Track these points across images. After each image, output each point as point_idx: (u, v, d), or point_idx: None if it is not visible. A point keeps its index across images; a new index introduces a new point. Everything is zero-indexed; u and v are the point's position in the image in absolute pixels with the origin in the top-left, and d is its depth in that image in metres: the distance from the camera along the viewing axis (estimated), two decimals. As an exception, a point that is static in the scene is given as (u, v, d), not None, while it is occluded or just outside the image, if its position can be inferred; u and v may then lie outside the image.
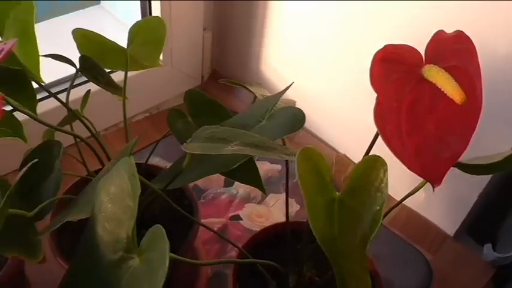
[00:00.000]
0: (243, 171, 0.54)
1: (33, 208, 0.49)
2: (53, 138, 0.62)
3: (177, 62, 0.99)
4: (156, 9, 0.90)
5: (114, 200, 0.39)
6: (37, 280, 0.72)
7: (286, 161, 0.56)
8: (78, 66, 0.58)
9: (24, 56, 0.58)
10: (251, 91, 0.62)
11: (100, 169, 0.67)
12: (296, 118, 0.49)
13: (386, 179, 0.36)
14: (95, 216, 0.41)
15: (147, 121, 1.01)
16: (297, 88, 0.92)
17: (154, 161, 0.90)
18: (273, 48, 0.96)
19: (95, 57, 0.56)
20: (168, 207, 0.62)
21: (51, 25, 1.32)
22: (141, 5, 0.92)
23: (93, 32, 0.55)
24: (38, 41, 0.56)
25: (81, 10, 1.32)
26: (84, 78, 0.90)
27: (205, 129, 0.49)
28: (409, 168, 0.39)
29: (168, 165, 0.81)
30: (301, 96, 0.83)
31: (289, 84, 0.55)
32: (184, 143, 0.47)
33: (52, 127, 0.55)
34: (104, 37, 0.55)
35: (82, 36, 0.54)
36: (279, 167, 0.93)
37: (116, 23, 1.24)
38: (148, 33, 0.57)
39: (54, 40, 0.78)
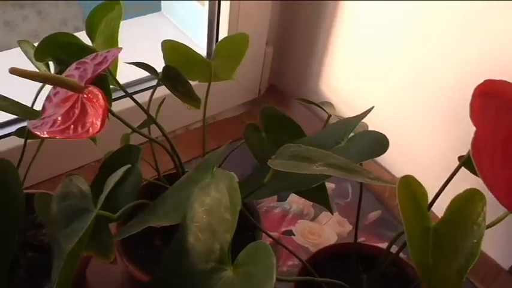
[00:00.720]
0: (314, 190, 0.55)
1: (106, 209, 0.51)
2: (129, 142, 0.64)
3: (237, 75, 1.01)
4: (224, 23, 0.92)
5: (209, 212, 0.40)
6: (96, 281, 0.74)
7: (361, 183, 0.57)
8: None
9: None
10: (325, 111, 0.63)
11: (172, 173, 0.69)
12: (379, 143, 0.49)
13: (485, 213, 0.36)
14: (187, 225, 0.42)
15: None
16: (355, 108, 0.93)
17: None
18: (334, 68, 0.97)
19: (179, 67, 0.58)
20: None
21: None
22: (208, 17, 0.94)
23: (182, 44, 0.57)
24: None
25: (141, 16, 1.35)
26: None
27: (288, 147, 0.50)
28: (498, 200, 0.40)
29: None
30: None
31: (369, 108, 0.55)
32: (270, 160, 0.48)
33: (134, 130, 0.57)
34: (192, 49, 0.57)
35: (171, 48, 0.56)
36: (332, 185, 0.94)
37: (175, 31, 1.27)
38: (233, 48, 0.59)
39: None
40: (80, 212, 0.47)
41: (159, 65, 0.61)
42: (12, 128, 0.83)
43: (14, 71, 0.43)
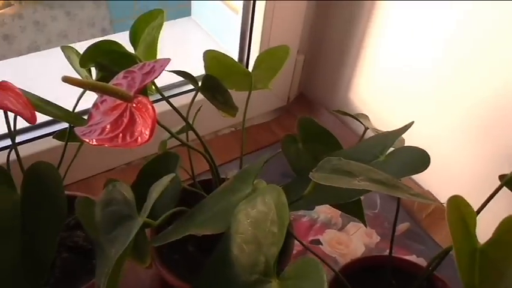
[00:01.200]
0: (349, 202, 0.55)
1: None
2: (166, 149, 0.65)
3: (269, 82, 1.01)
4: (257, 31, 0.92)
5: (255, 224, 0.41)
6: (124, 283, 0.75)
7: (398, 198, 0.57)
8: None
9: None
10: (363, 124, 0.63)
11: (206, 179, 0.69)
12: (421, 160, 0.49)
13: (535, 237, 0.36)
14: (231, 236, 0.42)
15: (232, 136, 1.04)
16: (386, 121, 0.93)
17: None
18: (365, 78, 0.97)
19: (219, 77, 0.59)
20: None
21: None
22: (242, 25, 0.95)
23: (224, 54, 0.57)
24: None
25: (171, 21, 1.37)
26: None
27: (328, 160, 0.50)
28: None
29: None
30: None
31: (409, 123, 0.55)
32: (311, 173, 0.48)
33: (174, 136, 0.58)
34: (234, 60, 0.58)
35: (213, 57, 0.57)
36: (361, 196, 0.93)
37: (204, 36, 1.28)
38: (273, 60, 0.59)
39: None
40: (124, 219, 0.48)
41: (188, 70, 0.61)
42: (45, 130, 0.84)
43: (66, 80, 0.44)
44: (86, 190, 0.86)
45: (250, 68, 0.62)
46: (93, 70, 0.64)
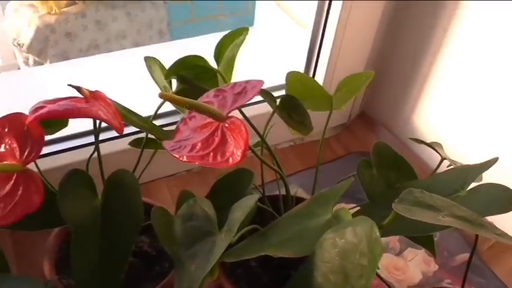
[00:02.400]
0: (421, 232, 0.54)
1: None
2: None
3: (332, 99, 1.01)
4: (326, 47, 0.92)
5: (343, 254, 0.40)
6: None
7: (476, 235, 0.56)
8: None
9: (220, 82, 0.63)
10: (440, 154, 0.62)
11: (273, 195, 0.69)
12: (507, 198, 0.48)
13: None
14: (316, 264, 0.42)
15: (291, 150, 1.04)
16: (454, 151, 0.91)
17: (294, 190, 0.92)
18: (432, 101, 0.95)
19: (298, 98, 0.59)
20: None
21: (204, 41, 1.40)
22: (311, 40, 0.95)
23: (309, 77, 0.58)
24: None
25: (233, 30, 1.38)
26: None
27: (411, 192, 0.49)
28: None
29: (308, 197, 0.82)
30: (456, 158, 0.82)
31: (493, 158, 0.54)
32: (394, 203, 0.47)
33: (252, 150, 0.58)
34: (316, 82, 0.58)
35: (297, 79, 0.57)
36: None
37: (266, 46, 1.29)
38: (354, 83, 0.59)
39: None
40: (205, 234, 0.48)
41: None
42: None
43: (163, 96, 0.45)
44: (145, 194, 0.88)
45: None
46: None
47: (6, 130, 0.49)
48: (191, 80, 0.61)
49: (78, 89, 0.50)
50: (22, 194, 0.48)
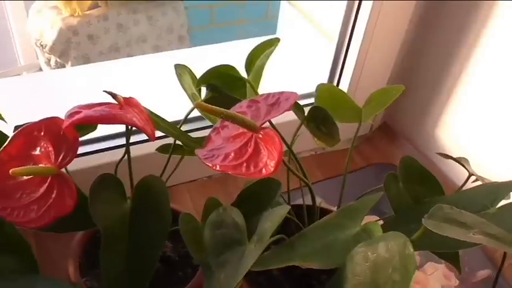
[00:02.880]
0: (446, 247, 0.54)
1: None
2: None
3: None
4: (351, 58, 0.93)
5: (374, 268, 0.41)
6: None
7: (504, 253, 0.55)
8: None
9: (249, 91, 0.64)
10: (467, 170, 0.62)
11: (297, 204, 0.69)
12: (539, 218, 0.48)
13: None
14: (346, 277, 0.43)
15: (312, 159, 1.04)
16: (478, 166, 0.90)
17: (318, 201, 0.92)
18: (457, 115, 0.95)
19: (327, 109, 0.59)
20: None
21: (227, 47, 1.41)
22: (335, 52, 0.95)
23: (339, 89, 0.58)
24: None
25: (255, 38, 1.38)
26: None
27: (440, 208, 0.49)
28: None
29: (331, 207, 0.82)
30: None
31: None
32: (423, 219, 0.47)
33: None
34: (347, 96, 0.58)
35: (326, 91, 0.58)
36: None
37: (287, 55, 1.29)
38: (384, 98, 0.59)
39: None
40: (234, 243, 0.49)
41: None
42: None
43: (199, 106, 0.45)
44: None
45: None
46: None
47: (42, 134, 0.49)
48: (221, 88, 0.61)
49: (113, 95, 0.50)
50: (56, 197, 0.48)
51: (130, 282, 0.54)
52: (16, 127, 0.62)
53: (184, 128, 0.66)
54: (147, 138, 0.86)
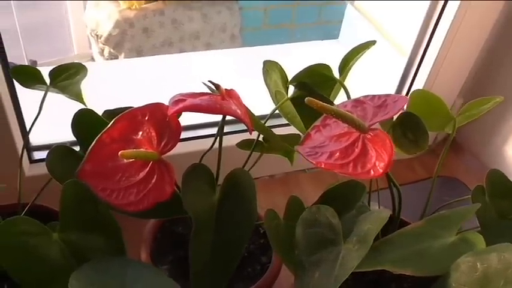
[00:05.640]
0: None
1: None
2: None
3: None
4: (424, 72, 0.92)
5: (483, 280, 0.40)
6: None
7: None
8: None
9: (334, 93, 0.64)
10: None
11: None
12: None
13: None
14: (450, 285, 0.42)
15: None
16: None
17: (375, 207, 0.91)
18: (529, 134, 0.93)
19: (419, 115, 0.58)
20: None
21: (285, 48, 1.41)
22: (407, 64, 0.95)
23: (435, 95, 0.57)
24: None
25: (317, 41, 1.39)
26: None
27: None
28: None
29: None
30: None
31: None
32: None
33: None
34: (443, 102, 0.57)
35: (421, 97, 0.57)
36: None
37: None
38: (478, 108, 0.58)
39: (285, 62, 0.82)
40: (328, 243, 0.48)
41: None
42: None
43: (310, 102, 0.45)
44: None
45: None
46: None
47: (146, 118, 0.50)
48: (310, 86, 0.61)
49: (217, 86, 0.51)
50: (155, 182, 0.49)
51: (213, 272, 0.54)
52: (106, 111, 0.64)
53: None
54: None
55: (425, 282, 0.49)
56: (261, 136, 0.65)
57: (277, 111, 0.64)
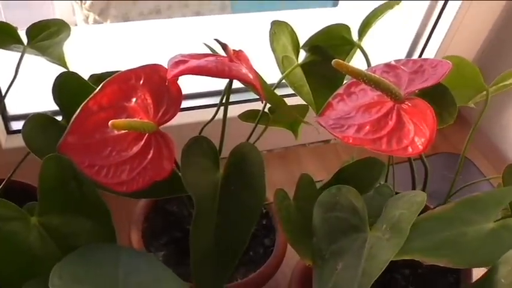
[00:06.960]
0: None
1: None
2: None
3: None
4: (437, 35, 0.85)
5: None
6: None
7: None
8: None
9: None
10: None
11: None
12: None
13: None
14: (498, 281, 0.36)
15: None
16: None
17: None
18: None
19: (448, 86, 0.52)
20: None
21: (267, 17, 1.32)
22: (419, 28, 0.88)
23: (470, 63, 0.51)
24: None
25: (316, 8, 1.30)
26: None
27: None
28: None
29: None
30: None
31: None
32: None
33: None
34: (478, 72, 0.51)
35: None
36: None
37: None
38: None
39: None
40: (351, 229, 0.42)
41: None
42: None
43: (338, 65, 0.38)
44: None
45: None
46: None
47: (141, 82, 0.43)
48: (325, 50, 0.54)
49: (224, 46, 0.43)
50: (152, 158, 0.42)
51: (217, 261, 0.47)
52: (93, 75, 0.56)
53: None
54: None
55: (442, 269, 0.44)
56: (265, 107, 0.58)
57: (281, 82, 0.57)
